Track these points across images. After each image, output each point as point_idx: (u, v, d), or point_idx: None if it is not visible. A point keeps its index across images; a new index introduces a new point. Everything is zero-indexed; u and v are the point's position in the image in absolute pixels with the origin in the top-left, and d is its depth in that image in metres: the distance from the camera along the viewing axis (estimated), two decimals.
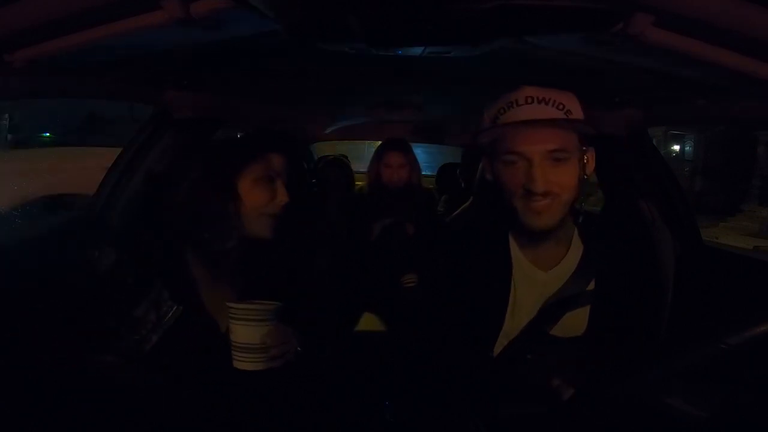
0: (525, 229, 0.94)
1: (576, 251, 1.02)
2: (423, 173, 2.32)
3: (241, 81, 1.65)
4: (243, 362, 0.88)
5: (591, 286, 1.00)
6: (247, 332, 0.86)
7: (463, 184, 2.61)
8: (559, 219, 0.91)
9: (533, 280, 1.00)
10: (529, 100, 0.88)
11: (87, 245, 1.25)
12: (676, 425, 0.65)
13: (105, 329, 0.91)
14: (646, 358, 0.71)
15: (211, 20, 0.86)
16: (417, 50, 1.18)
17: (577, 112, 0.91)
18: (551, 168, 0.86)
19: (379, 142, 2.25)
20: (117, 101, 1.46)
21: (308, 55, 1.29)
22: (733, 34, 0.72)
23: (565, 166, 0.87)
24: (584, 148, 0.92)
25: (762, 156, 11.87)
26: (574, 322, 0.99)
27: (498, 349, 1.01)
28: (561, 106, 0.90)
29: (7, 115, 11.57)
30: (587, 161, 0.93)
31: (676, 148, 15.32)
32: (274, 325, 0.89)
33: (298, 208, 1.08)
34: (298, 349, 0.95)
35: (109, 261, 0.94)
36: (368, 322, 1.88)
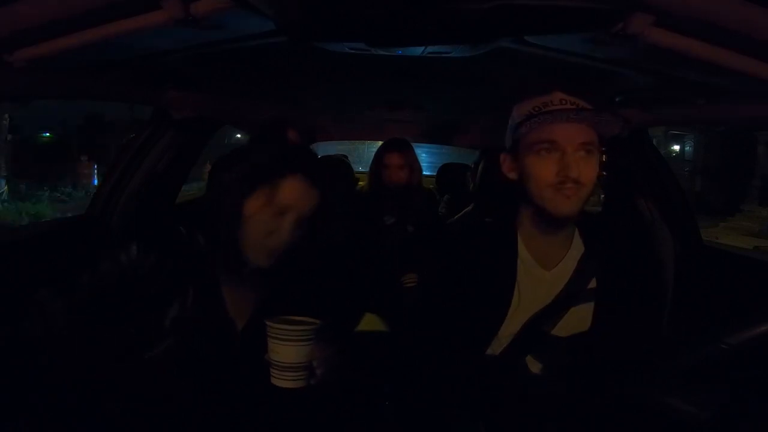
0: (545, 222, 0.98)
1: (576, 251, 1.03)
2: (425, 173, 2.31)
3: (241, 81, 1.65)
4: (281, 380, 0.85)
5: (592, 285, 1.00)
6: (287, 351, 0.83)
7: (472, 186, 2.61)
8: (580, 209, 0.96)
9: (538, 279, 1.01)
10: (563, 102, 0.95)
11: (88, 245, 1.25)
12: (676, 425, 0.65)
13: (118, 331, 0.89)
14: (646, 358, 0.71)
15: (211, 20, 0.86)
16: (417, 50, 1.19)
17: None
18: (582, 159, 0.93)
19: (380, 143, 2.25)
20: (117, 101, 1.46)
21: (308, 55, 1.29)
22: (733, 34, 0.72)
23: (591, 160, 0.95)
24: (602, 148, 0.98)
25: (762, 156, 11.88)
26: (575, 321, 1.00)
27: (500, 348, 1.02)
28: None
29: (7, 115, 11.58)
30: (602, 161, 1.00)
31: (676, 148, 15.32)
32: (315, 343, 0.85)
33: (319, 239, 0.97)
34: (339, 362, 0.90)
35: (131, 260, 0.91)
36: (368, 322, 1.88)
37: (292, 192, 0.89)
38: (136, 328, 0.89)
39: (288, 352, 0.84)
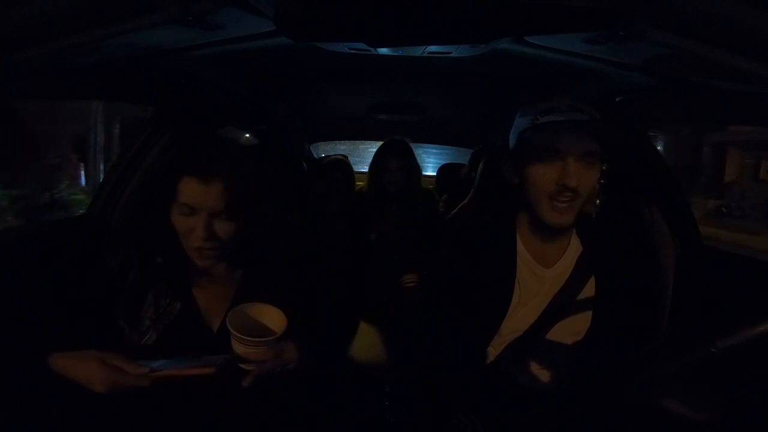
0: (541, 226, 0.98)
1: (574, 250, 1.03)
2: (425, 173, 2.30)
3: (241, 81, 1.65)
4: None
5: (591, 285, 1.01)
6: (246, 351, 0.86)
7: (463, 176, 2.61)
8: (575, 219, 0.96)
9: (539, 277, 1.01)
10: (571, 108, 0.95)
11: (88, 244, 1.25)
12: (676, 425, 0.65)
13: (108, 327, 0.90)
14: (645, 358, 0.71)
15: (211, 20, 0.86)
16: (418, 50, 1.19)
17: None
18: (583, 169, 0.93)
19: (380, 143, 2.25)
20: (117, 101, 1.46)
21: (308, 55, 1.29)
22: (733, 34, 0.72)
23: (592, 170, 0.94)
24: (603, 157, 0.98)
25: (705, 155, 12.39)
26: (575, 321, 1.00)
27: (502, 345, 1.02)
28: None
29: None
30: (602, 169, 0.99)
31: None
32: (265, 350, 0.86)
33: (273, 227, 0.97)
34: (298, 363, 0.90)
35: (114, 258, 0.92)
36: (368, 321, 1.88)
37: (190, 192, 0.87)
38: (127, 324, 0.90)
39: (236, 346, 0.86)
